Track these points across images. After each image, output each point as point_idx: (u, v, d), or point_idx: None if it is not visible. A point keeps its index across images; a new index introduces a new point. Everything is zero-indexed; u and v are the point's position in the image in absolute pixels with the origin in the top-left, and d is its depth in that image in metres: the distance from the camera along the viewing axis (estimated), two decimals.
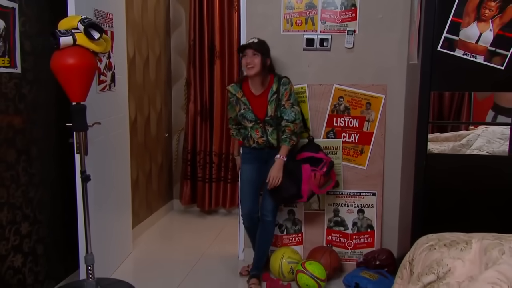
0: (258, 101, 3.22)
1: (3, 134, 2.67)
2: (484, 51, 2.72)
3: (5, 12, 2.62)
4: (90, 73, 2.63)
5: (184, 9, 4.96)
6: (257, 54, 3.10)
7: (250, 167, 3.35)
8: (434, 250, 2.06)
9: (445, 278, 1.82)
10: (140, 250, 4.04)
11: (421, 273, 1.95)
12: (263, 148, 3.28)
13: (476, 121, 3.15)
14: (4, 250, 2.71)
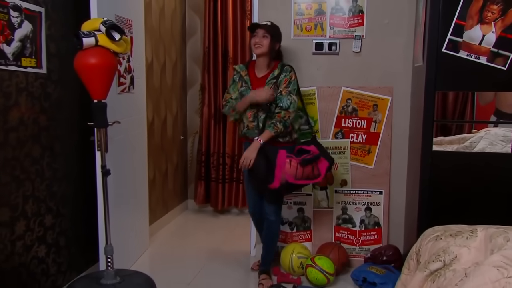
0: (259, 83, 3.09)
1: (29, 131, 2.68)
2: (487, 52, 2.70)
3: (32, 15, 2.65)
4: (111, 72, 2.63)
5: (199, 18, 4.98)
6: (267, 36, 2.99)
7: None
8: (440, 239, 2.04)
9: (452, 265, 1.81)
10: (156, 246, 4.05)
11: (428, 260, 1.94)
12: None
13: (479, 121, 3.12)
14: (29, 241, 2.72)
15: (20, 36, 2.55)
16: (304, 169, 2.98)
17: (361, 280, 3.17)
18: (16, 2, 2.51)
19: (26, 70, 2.62)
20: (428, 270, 1.86)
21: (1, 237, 2.50)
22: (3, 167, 2.49)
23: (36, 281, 2.79)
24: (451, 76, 2.79)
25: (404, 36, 3.37)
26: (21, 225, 2.65)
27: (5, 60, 2.45)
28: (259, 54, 3.04)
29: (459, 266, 1.76)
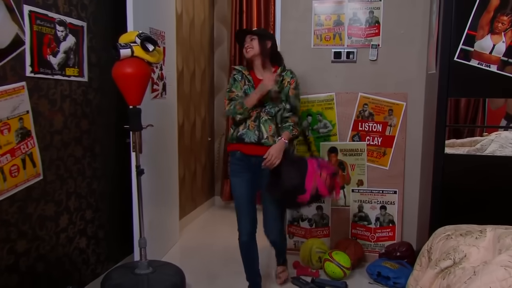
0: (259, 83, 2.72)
1: (72, 134, 2.75)
2: (497, 61, 2.65)
3: (76, 29, 2.71)
4: (145, 80, 2.66)
5: (226, 29, 5.01)
6: (254, 38, 2.72)
7: (238, 181, 2.77)
8: (451, 239, 2.02)
9: (461, 263, 1.79)
10: (186, 239, 4.08)
11: (439, 258, 1.92)
12: (251, 155, 2.69)
13: (489, 126, 3.07)
14: (72, 233, 2.79)
15: (64, 48, 2.62)
16: (331, 181, 2.66)
17: (376, 274, 3.15)
18: (61, 18, 2.57)
19: (69, 79, 2.68)
20: (438, 268, 1.84)
21: (47, 230, 2.57)
22: (49, 167, 2.56)
23: (77, 270, 2.86)
24: (463, 83, 2.75)
25: (418, 45, 3.33)
26: (64, 219, 2.71)
27: (52, 70, 2.52)
28: (251, 57, 2.74)
29: (468, 264, 1.74)
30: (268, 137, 2.67)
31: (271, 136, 2.67)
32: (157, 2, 3.37)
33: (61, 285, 2.60)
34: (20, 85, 2.30)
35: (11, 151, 2.26)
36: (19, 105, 2.30)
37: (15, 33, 2.25)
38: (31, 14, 2.34)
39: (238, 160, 2.76)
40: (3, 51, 2.18)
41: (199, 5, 4.58)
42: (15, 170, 2.29)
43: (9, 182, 2.25)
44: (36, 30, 2.39)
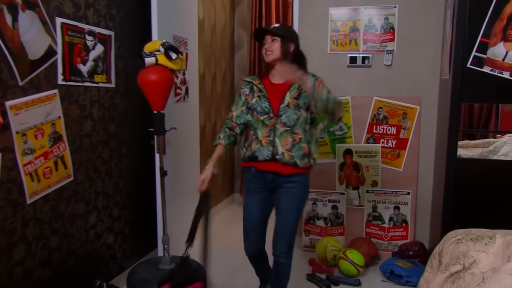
0: (276, 89, 2.37)
1: (100, 137, 2.79)
2: (510, 67, 2.60)
3: (104, 39, 2.75)
4: (168, 87, 2.69)
5: (246, 33, 5.02)
6: (276, 39, 2.33)
7: (252, 202, 2.48)
8: (461, 243, 2.01)
9: (470, 268, 1.78)
10: None
11: (449, 263, 1.91)
12: (266, 171, 2.37)
13: (502, 131, 3.02)
14: (100, 230, 2.84)
15: (93, 57, 2.66)
16: None
17: (389, 272, 3.14)
18: (91, 28, 2.62)
19: (98, 85, 2.72)
20: (448, 272, 1.84)
21: (77, 227, 2.62)
22: (79, 168, 2.61)
23: (105, 264, 2.91)
24: (476, 89, 2.71)
25: (432, 50, 3.29)
26: (93, 216, 2.76)
27: (81, 78, 2.57)
28: (271, 61, 2.38)
29: (477, 270, 1.73)
30: (283, 152, 2.31)
31: (287, 151, 2.31)
32: (180, 10, 3.39)
33: (90, 278, 2.65)
34: (53, 92, 2.36)
35: (44, 154, 2.32)
36: (51, 111, 2.35)
37: (48, 44, 2.30)
38: (63, 25, 2.39)
39: (252, 177, 2.45)
40: (38, 62, 2.24)
41: (220, 10, 4.60)
42: (48, 172, 2.35)
43: (42, 183, 2.31)
44: (68, 40, 2.44)
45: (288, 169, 2.34)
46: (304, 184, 2.43)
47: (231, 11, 4.92)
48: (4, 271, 2.12)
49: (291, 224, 2.41)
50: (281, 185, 2.39)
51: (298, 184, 2.39)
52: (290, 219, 2.40)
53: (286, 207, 2.40)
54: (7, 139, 2.08)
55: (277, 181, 2.39)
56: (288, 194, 2.39)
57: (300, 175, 2.39)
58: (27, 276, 2.27)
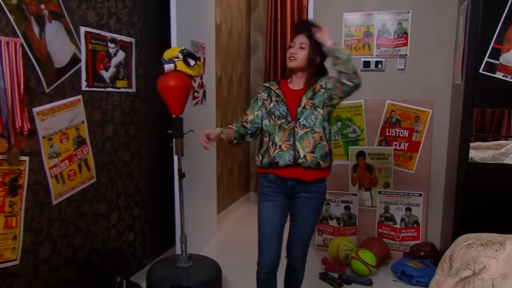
0: (294, 94, 2.26)
1: (121, 139, 2.84)
2: None
3: (125, 46, 2.80)
4: (186, 92, 2.72)
5: (262, 36, 5.03)
6: (305, 47, 2.18)
7: (270, 206, 2.27)
8: (471, 248, 2.00)
9: (480, 274, 1.77)
10: (223, 232, 4.16)
11: (459, 268, 1.90)
12: (287, 178, 2.22)
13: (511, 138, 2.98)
14: (121, 228, 2.89)
15: (115, 63, 2.71)
16: None
17: (400, 272, 3.14)
18: (113, 36, 2.66)
19: (119, 90, 2.77)
20: (458, 277, 1.83)
21: (100, 226, 2.68)
22: (101, 170, 2.66)
23: (126, 261, 2.97)
24: (488, 94, 2.68)
25: (444, 55, 3.26)
26: (114, 216, 2.82)
27: (104, 83, 2.62)
28: (293, 68, 2.24)
29: (487, 276, 1.72)
30: (305, 155, 2.17)
31: (310, 153, 2.18)
32: (198, 16, 3.43)
33: (111, 275, 2.70)
34: (77, 98, 2.41)
35: (69, 158, 2.37)
36: (76, 116, 2.41)
37: (73, 52, 2.35)
38: (87, 34, 2.44)
39: (271, 183, 2.27)
40: (63, 69, 2.29)
41: (236, 15, 4.62)
42: (73, 174, 2.41)
43: (67, 185, 2.37)
44: (91, 48, 2.49)
45: (310, 175, 2.21)
46: (322, 194, 2.34)
47: (247, 15, 4.93)
48: (31, 268, 2.18)
49: (307, 233, 2.35)
50: (300, 194, 2.27)
51: (317, 195, 2.29)
52: (306, 228, 2.33)
53: (303, 216, 2.30)
54: (34, 143, 2.14)
55: (296, 188, 2.25)
56: (306, 205, 2.29)
57: (320, 182, 2.29)
58: (53, 273, 2.33)
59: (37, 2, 2.10)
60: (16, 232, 2.07)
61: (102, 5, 2.57)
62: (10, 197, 2.02)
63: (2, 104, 1.89)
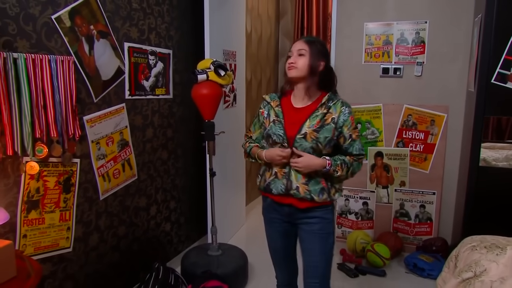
0: (296, 115, 1.84)
1: (160, 141, 2.94)
2: None
3: (164, 57, 2.88)
4: (217, 100, 2.78)
5: (289, 41, 5.05)
6: (304, 53, 1.79)
7: (273, 232, 2.02)
8: (475, 251, 2.01)
9: (481, 276, 1.78)
10: (251, 222, 4.24)
11: (462, 269, 1.92)
12: (283, 204, 1.88)
13: None
14: (159, 219, 3.00)
15: (155, 73, 2.81)
16: None
17: (412, 265, 3.14)
18: (153, 49, 2.76)
19: (158, 97, 2.87)
20: (461, 278, 1.85)
21: (141, 218, 2.80)
22: (142, 168, 2.78)
23: (163, 248, 3.09)
24: (499, 103, 2.63)
25: (460, 63, 3.20)
26: (153, 209, 2.93)
27: (145, 92, 2.73)
28: (293, 78, 1.84)
29: (487, 278, 1.74)
30: (298, 187, 1.81)
31: (303, 184, 1.80)
32: (229, 26, 3.48)
33: (150, 261, 2.82)
34: (121, 106, 2.53)
35: (114, 159, 2.50)
36: (120, 122, 2.53)
37: (118, 66, 2.47)
38: (130, 49, 2.55)
39: (269, 207, 1.98)
40: (109, 81, 2.41)
41: (266, 23, 4.65)
42: (117, 173, 2.54)
43: (112, 183, 2.51)
44: (133, 61, 2.60)
45: (305, 204, 1.84)
46: (327, 219, 1.88)
47: (276, 22, 4.95)
48: (82, 255, 2.34)
49: (319, 265, 1.90)
50: (301, 220, 1.89)
51: (319, 219, 1.87)
52: (316, 260, 1.89)
53: (309, 247, 1.90)
54: (84, 147, 2.27)
55: (295, 214, 1.89)
56: (310, 232, 1.88)
57: (321, 209, 1.86)
58: (101, 259, 2.47)
59: (87, 23, 2.21)
60: (69, 224, 2.22)
61: (143, 22, 2.67)
62: (64, 194, 2.17)
63: (57, 114, 2.03)
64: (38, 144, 1.96)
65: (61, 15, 2.06)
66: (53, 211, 2.11)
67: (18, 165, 1.93)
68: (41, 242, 2.07)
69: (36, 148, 1.96)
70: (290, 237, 2.01)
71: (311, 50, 1.80)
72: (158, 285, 2.47)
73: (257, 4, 4.35)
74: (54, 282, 2.17)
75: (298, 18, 4.78)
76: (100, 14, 2.30)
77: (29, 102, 1.89)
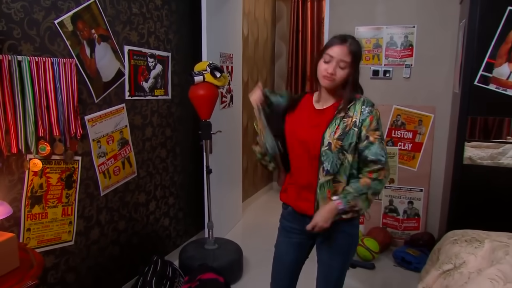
0: (316, 118, 1.65)
1: (159, 139, 2.97)
2: None
3: (162, 59, 2.91)
4: (214, 100, 2.80)
5: (285, 44, 5.08)
6: (345, 64, 1.56)
7: (284, 243, 1.81)
8: (456, 244, 2.05)
9: (460, 268, 1.82)
10: (247, 218, 4.27)
11: (443, 262, 1.95)
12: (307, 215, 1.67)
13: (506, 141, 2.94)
14: (158, 215, 3.03)
15: (154, 75, 2.84)
16: None
17: (400, 258, 3.18)
18: (152, 52, 2.79)
19: (157, 98, 2.89)
20: (441, 270, 1.89)
21: (140, 213, 2.83)
22: (141, 166, 2.80)
23: (162, 242, 3.12)
24: (482, 104, 2.66)
25: (446, 66, 3.24)
26: (152, 204, 2.96)
27: (144, 93, 2.76)
28: (327, 87, 1.63)
29: (466, 270, 1.77)
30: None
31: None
32: (226, 30, 3.51)
33: (149, 253, 2.84)
34: (121, 106, 2.56)
35: (114, 156, 2.54)
36: (120, 121, 2.56)
37: (118, 68, 2.50)
38: (130, 52, 2.58)
39: (289, 216, 1.79)
40: (109, 82, 2.44)
41: (262, 26, 4.67)
42: (117, 170, 2.57)
43: (112, 179, 2.54)
44: (133, 63, 2.63)
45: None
46: (350, 234, 1.70)
47: (272, 26, 4.97)
48: (84, 248, 2.37)
49: (334, 279, 1.76)
50: (321, 233, 1.67)
51: (343, 235, 1.68)
52: (331, 274, 1.75)
53: (327, 261, 1.74)
54: (85, 145, 2.30)
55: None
56: (330, 246, 1.71)
57: (346, 223, 1.65)
58: (101, 252, 2.50)
59: (89, 28, 2.25)
60: (71, 218, 2.25)
61: (143, 26, 2.70)
62: (67, 190, 2.20)
63: (60, 114, 2.06)
64: (41, 142, 2.00)
65: (64, 20, 2.09)
66: (56, 206, 2.15)
67: (22, 162, 1.96)
68: (44, 236, 2.11)
69: (39, 146, 2.00)
70: (303, 251, 1.82)
71: (354, 62, 1.59)
72: (156, 277, 2.50)
73: (253, 8, 4.38)
74: (56, 273, 2.20)
75: (294, 22, 4.81)
76: (101, 18, 2.33)
77: (32, 103, 1.92)
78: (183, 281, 2.60)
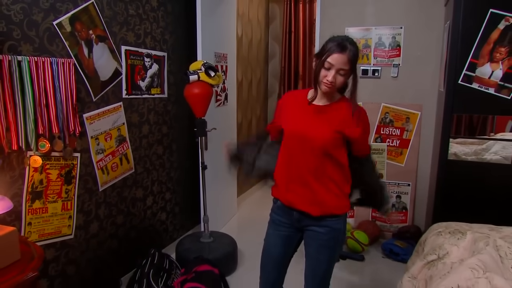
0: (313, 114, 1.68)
1: (155, 137, 2.98)
2: (495, 85, 2.58)
3: (159, 59, 2.92)
4: (208, 98, 2.81)
5: (278, 45, 5.09)
6: (344, 72, 1.59)
7: (272, 236, 1.82)
8: (440, 235, 2.07)
9: (443, 258, 1.84)
10: (242, 212, 4.28)
11: (427, 253, 1.98)
12: (294, 210, 1.71)
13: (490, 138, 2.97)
14: (155, 209, 3.04)
15: (150, 74, 2.85)
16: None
17: (388, 250, 3.21)
18: (148, 51, 2.80)
19: (154, 96, 2.90)
20: (426, 260, 1.91)
21: (137, 208, 2.84)
22: (139, 162, 2.81)
23: (159, 236, 3.13)
24: (465, 102, 2.70)
25: (432, 65, 3.27)
26: (150, 199, 2.97)
27: (141, 91, 2.77)
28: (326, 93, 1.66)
29: (448, 260, 1.80)
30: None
31: None
32: (221, 31, 3.51)
33: (147, 247, 2.85)
34: (118, 104, 2.57)
35: (112, 153, 2.55)
36: (117, 119, 2.57)
37: (115, 67, 2.51)
38: (127, 52, 2.59)
39: (279, 210, 1.79)
40: (107, 82, 2.45)
41: (256, 27, 4.68)
42: (115, 166, 2.58)
43: (111, 175, 2.55)
44: (130, 63, 2.63)
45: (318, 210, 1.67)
46: (337, 230, 1.70)
47: (265, 27, 4.99)
48: (83, 241, 2.38)
49: (321, 272, 1.75)
50: (310, 227, 1.71)
51: (329, 230, 1.68)
52: (318, 267, 1.74)
53: (314, 255, 1.74)
54: (84, 142, 2.31)
55: (304, 221, 1.71)
56: (317, 240, 1.71)
57: (334, 218, 1.68)
58: (100, 245, 2.51)
59: (87, 28, 2.25)
60: (71, 213, 2.26)
61: (139, 27, 2.71)
62: (66, 186, 2.21)
63: (59, 112, 2.07)
64: (41, 139, 2.01)
65: (62, 21, 2.09)
66: (56, 201, 2.16)
67: (22, 159, 1.97)
68: (44, 229, 2.12)
69: (39, 143, 2.00)
70: (291, 244, 1.82)
71: (352, 67, 1.61)
72: (154, 269, 2.52)
73: (247, 10, 4.38)
74: (57, 266, 2.21)
75: (286, 23, 4.82)
76: (99, 19, 2.34)
77: (32, 101, 1.93)
78: (179, 273, 2.62)
